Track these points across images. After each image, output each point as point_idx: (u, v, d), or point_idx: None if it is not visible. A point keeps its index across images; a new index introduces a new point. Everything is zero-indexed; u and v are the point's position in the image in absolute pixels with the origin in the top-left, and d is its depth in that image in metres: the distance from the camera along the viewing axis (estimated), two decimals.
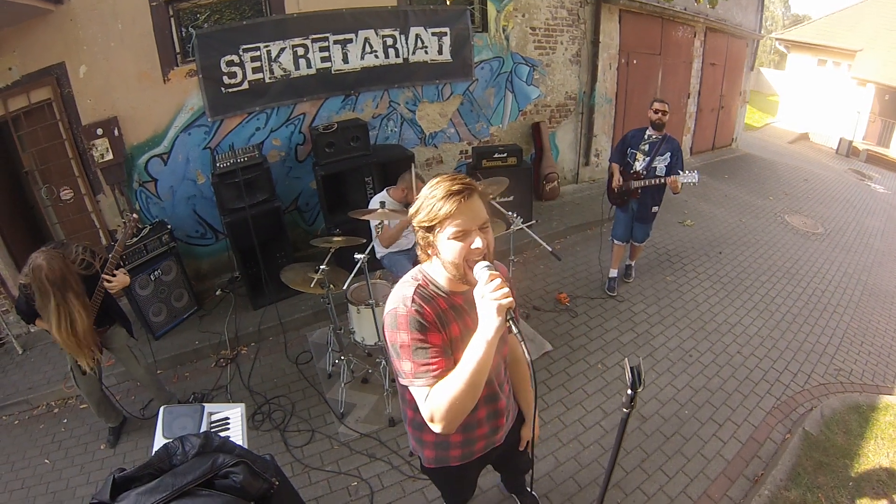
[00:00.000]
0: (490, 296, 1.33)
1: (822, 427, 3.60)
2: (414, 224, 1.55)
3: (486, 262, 1.45)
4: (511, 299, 1.33)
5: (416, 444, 1.91)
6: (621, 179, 4.84)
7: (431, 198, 1.49)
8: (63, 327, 2.83)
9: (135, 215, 3.17)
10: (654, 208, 4.95)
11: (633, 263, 5.49)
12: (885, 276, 6.63)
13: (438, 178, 1.52)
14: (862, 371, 4.49)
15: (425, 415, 1.48)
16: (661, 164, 4.70)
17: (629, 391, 1.54)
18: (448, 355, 1.51)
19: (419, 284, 1.58)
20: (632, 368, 1.53)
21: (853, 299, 5.72)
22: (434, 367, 1.46)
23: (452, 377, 1.43)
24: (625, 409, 1.61)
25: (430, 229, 1.51)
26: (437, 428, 1.47)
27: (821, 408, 3.80)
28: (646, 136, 4.78)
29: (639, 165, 4.80)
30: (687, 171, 4.46)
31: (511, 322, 1.33)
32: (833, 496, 3.03)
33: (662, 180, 4.61)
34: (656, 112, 4.66)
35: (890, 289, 6.27)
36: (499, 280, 1.36)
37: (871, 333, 5.12)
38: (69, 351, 2.99)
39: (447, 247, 1.49)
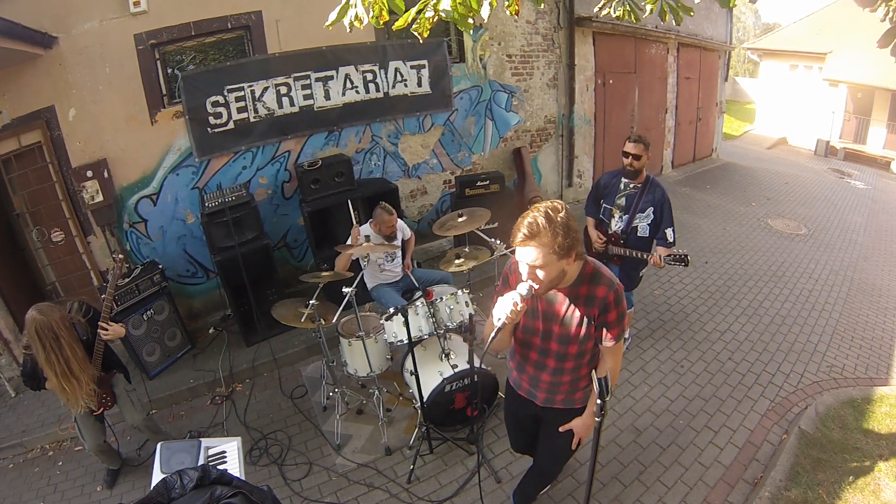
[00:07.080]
0: (502, 306, 1.86)
1: (817, 424, 3.64)
2: None
3: (528, 286, 1.84)
4: (500, 322, 1.86)
5: None
6: (601, 239, 3.98)
7: (517, 225, 1.81)
8: (60, 371, 2.84)
9: (121, 255, 3.20)
10: (642, 271, 4.13)
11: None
12: (872, 270, 6.75)
13: (541, 207, 1.80)
14: (854, 365, 4.55)
15: None
16: (642, 222, 3.78)
17: (598, 401, 1.65)
18: None
19: None
20: (599, 380, 1.67)
21: (841, 296, 5.82)
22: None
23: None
24: (596, 419, 1.74)
25: None
26: None
27: (815, 405, 3.84)
28: (622, 187, 3.84)
29: (616, 225, 3.91)
30: (676, 249, 3.65)
31: (494, 332, 1.90)
32: (834, 491, 3.06)
33: (644, 255, 3.73)
34: (626, 156, 3.72)
35: (877, 282, 6.37)
36: (511, 302, 1.85)
37: (862, 327, 5.20)
38: (71, 399, 2.98)
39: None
